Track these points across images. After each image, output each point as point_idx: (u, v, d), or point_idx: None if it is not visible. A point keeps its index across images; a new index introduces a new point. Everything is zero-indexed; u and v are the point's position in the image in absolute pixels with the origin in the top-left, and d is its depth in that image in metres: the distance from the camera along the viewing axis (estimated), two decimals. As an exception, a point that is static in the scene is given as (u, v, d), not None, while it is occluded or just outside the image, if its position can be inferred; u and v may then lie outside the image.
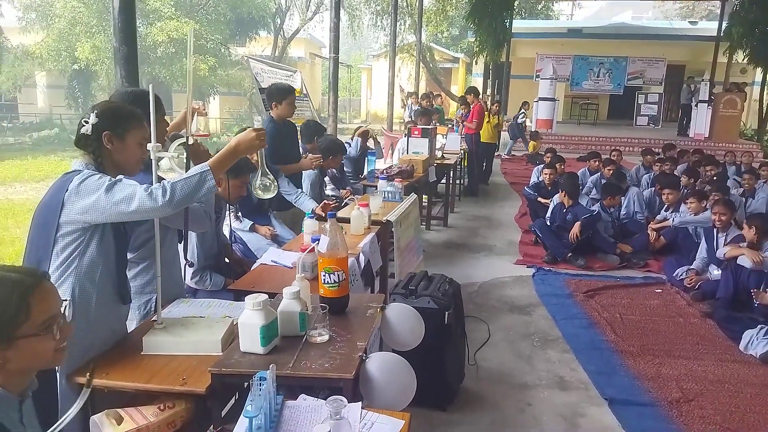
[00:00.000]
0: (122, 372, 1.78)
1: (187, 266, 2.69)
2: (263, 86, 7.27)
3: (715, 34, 16.48)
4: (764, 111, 15.92)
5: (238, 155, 1.95)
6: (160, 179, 1.93)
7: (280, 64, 11.33)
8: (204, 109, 2.37)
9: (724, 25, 16.03)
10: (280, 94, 4.37)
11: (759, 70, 16.03)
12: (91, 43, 18.07)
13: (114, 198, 1.77)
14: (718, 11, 17.57)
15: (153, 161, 1.94)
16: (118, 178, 1.84)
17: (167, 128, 2.52)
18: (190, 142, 2.08)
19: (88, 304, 1.85)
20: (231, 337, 1.90)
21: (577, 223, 5.64)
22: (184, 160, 2.08)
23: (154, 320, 2.01)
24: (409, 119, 9.77)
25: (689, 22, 25.02)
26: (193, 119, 2.20)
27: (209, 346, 1.87)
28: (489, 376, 3.40)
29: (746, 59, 15.34)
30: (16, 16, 20.44)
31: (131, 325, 2.18)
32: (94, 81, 20.68)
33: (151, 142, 1.93)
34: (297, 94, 7.75)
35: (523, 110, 14.81)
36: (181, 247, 2.47)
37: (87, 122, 1.89)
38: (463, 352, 3.35)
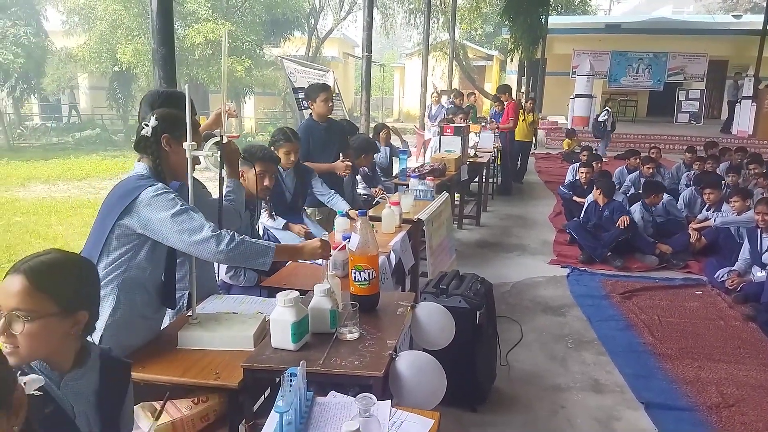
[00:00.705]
0: (158, 366, 1.82)
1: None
2: (296, 86, 7.34)
3: (761, 28, 15.88)
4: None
5: (300, 256, 2.14)
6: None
7: (313, 63, 11.42)
8: (235, 111, 2.43)
9: (770, 18, 15.46)
10: (314, 92, 4.41)
11: (807, 64, 15.41)
12: (133, 47, 18.52)
13: (181, 226, 1.84)
14: (764, 4, 16.88)
15: (188, 159, 1.98)
16: (191, 206, 1.92)
17: (199, 129, 2.57)
18: (225, 140, 2.12)
19: (132, 305, 1.91)
20: (263, 333, 1.93)
21: (625, 217, 5.57)
22: (218, 159, 2.12)
23: (189, 315, 2.06)
24: (442, 119, 9.71)
25: (733, 15, 24.15)
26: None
27: (242, 342, 1.90)
28: (521, 377, 3.36)
29: (794, 53, 14.77)
30: (60, 20, 21.12)
31: (166, 320, 2.23)
32: (134, 83, 21.21)
33: (201, 148, 2.00)
34: (330, 93, 7.82)
35: (606, 108, 14.12)
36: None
37: (147, 125, 1.97)
38: (495, 352, 3.32)
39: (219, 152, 2.09)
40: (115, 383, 1.43)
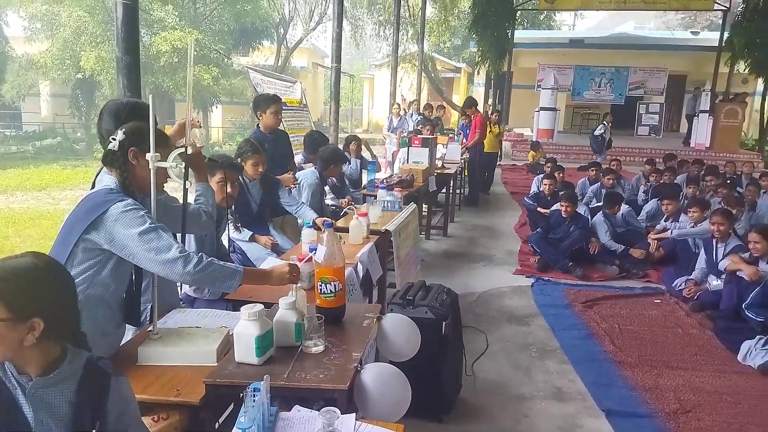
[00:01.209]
0: (118, 382, 1.78)
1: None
2: (263, 97, 7.30)
3: (717, 44, 16.53)
4: (765, 121, 15.91)
5: (269, 281, 2.08)
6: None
7: (281, 74, 11.37)
8: (199, 122, 2.40)
9: (725, 35, 16.08)
10: (264, 103, 4.39)
11: (760, 80, 16.06)
12: (96, 53, 18.15)
13: (148, 244, 1.82)
14: (720, 21, 17.60)
15: (152, 170, 1.96)
16: (160, 224, 1.89)
17: (168, 140, 2.54)
18: (190, 151, 2.10)
19: (94, 322, 1.86)
20: (226, 347, 1.91)
21: (596, 243, 5.86)
22: (182, 170, 2.10)
23: (150, 330, 2.02)
24: (410, 130, 9.78)
25: (691, 32, 25.09)
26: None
27: (204, 357, 1.88)
28: (486, 387, 3.39)
29: (747, 69, 15.36)
30: (22, 26, 20.57)
31: (126, 335, 2.18)
32: (97, 90, 20.79)
33: (168, 161, 1.97)
34: (297, 105, 7.81)
35: (604, 122, 14.12)
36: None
37: (114, 139, 1.95)
38: (461, 362, 3.35)
39: (183, 163, 2.08)
40: (89, 396, 1.35)
